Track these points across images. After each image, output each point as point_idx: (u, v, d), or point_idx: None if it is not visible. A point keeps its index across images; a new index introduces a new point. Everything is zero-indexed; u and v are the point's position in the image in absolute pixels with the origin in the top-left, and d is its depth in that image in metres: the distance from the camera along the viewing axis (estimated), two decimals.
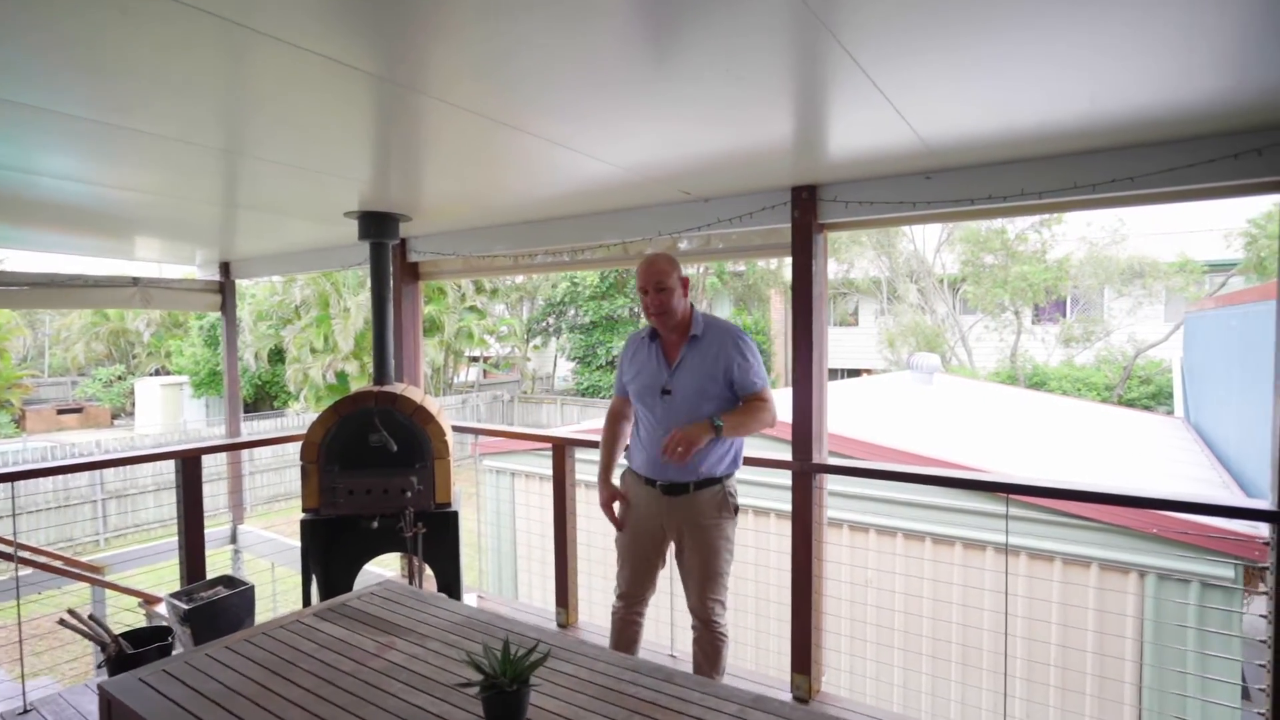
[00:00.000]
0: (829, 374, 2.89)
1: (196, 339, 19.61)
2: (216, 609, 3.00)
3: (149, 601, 4.22)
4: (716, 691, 1.66)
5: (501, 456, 6.05)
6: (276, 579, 5.73)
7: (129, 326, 22.01)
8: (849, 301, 19.62)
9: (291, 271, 5.69)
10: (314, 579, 3.23)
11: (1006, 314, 15.49)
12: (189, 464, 3.53)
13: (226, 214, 3.31)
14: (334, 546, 3.29)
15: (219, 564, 4.95)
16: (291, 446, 3.55)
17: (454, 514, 3.27)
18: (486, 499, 6.21)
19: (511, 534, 6.10)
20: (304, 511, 3.18)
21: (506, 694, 1.41)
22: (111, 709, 1.64)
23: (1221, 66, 1.56)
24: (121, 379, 22.07)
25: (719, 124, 1.97)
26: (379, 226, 3.34)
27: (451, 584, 3.31)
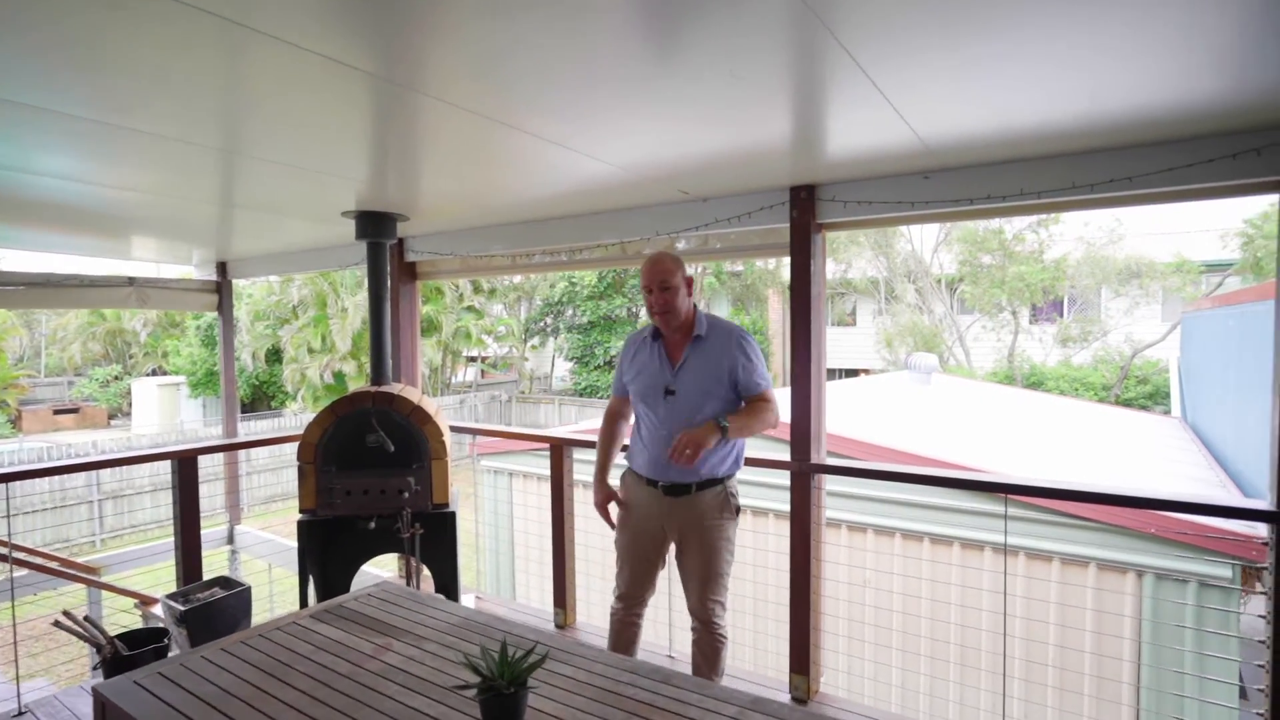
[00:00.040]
0: (826, 374, 2.89)
1: (194, 339, 19.57)
2: (213, 610, 2.99)
3: (145, 603, 4.20)
4: (715, 693, 1.65)
5: (499, 457, 6.04)
6: (274, 580, 5.72)
7: (126, 326, 21.97)
8: (847, 301, 19.65)
9: (288, 271, 5.68)
10: (311, 580, 3.22)
11: (1004, 314, 15.51)
12: (185, 464, 3.52)
13: (223, 213, 3.30)
14: (331, 547, 3.28)
15: (216, 565, 4.93)
16: (289, 447, 3.54)
17: (451, 514, 3.27)
18: (484, 499, 6.19)
19: (509, 534, 6.09)
20: (301, 512, 3.16)
21: (504, 696, 1.40)
22: (106, 712, 1.63)
23: (1221, 66, 1.56)
24: (118, 379, 22.03)
25: (717, 123, 1.96)
26: (376, 226, 3.33)
27: (449, 585, 3.30)
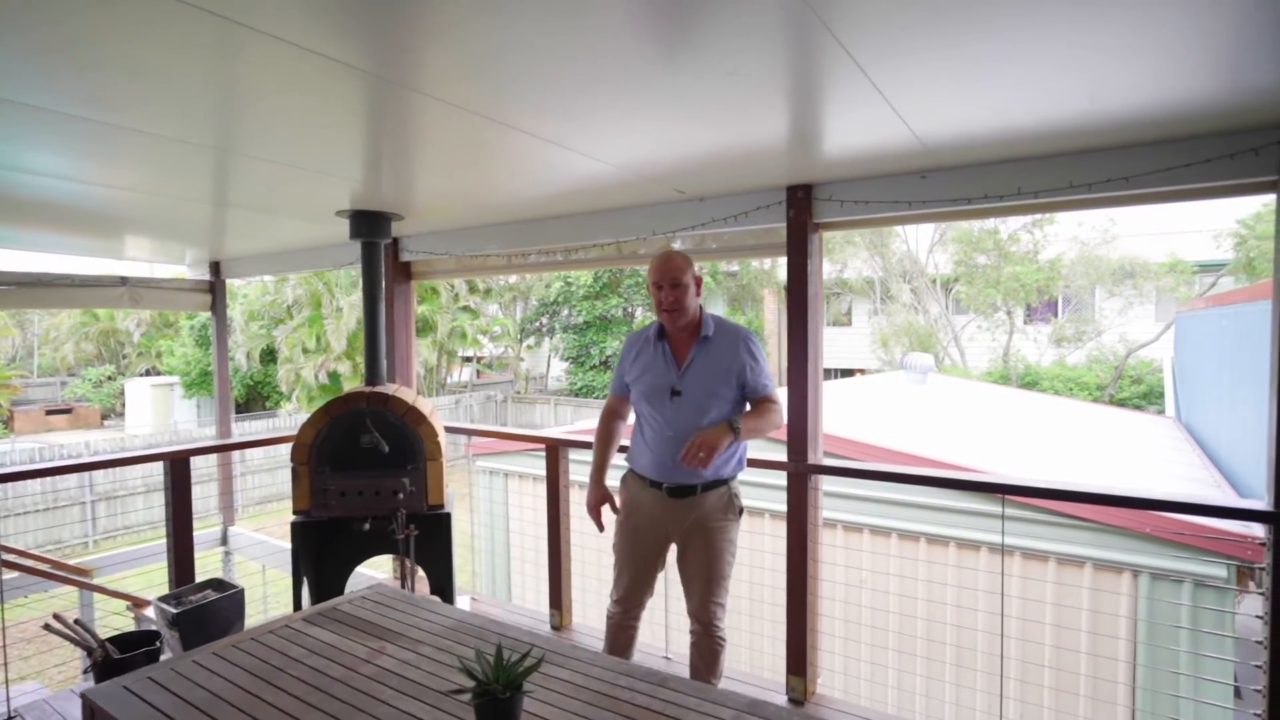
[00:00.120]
0: (822, 374, 2.88)
1: (187, 339, 19.48)
2: (205, 613, 2.96)
3: (137, 605, 4.17)
4: (712, 696, 1.64)
5: (495, 457, 6.02)
6: (268, 581, 5.68)
7: (119, 326, 21.85)
8: (842, 301, 19.67)
9: (282, 271, 5.65)
10: (305, 582, 3.20)
11: (999, 314, 15.54)
12: (177, 466, 3.49)
13: (217, 213, 3.27)
14: (325, 549, 3.26)
15: (209, 566, 4.90)
16: (283, 447, 3.52)
17: (447, 516, 3.25)
18: (480, 500, 6.17)
19: (505, 535, 6.07)
20: (295, 513, 3.14)
21: (500, 701, 1.39)
22: (95, 717, 1.61)
23: (1218, 66, 1.55)
24: (111, 379, 21.91)
25: (715, 122, 1.95)
26: (371, 226, 3.31)
27: (444, 586, 3.28)
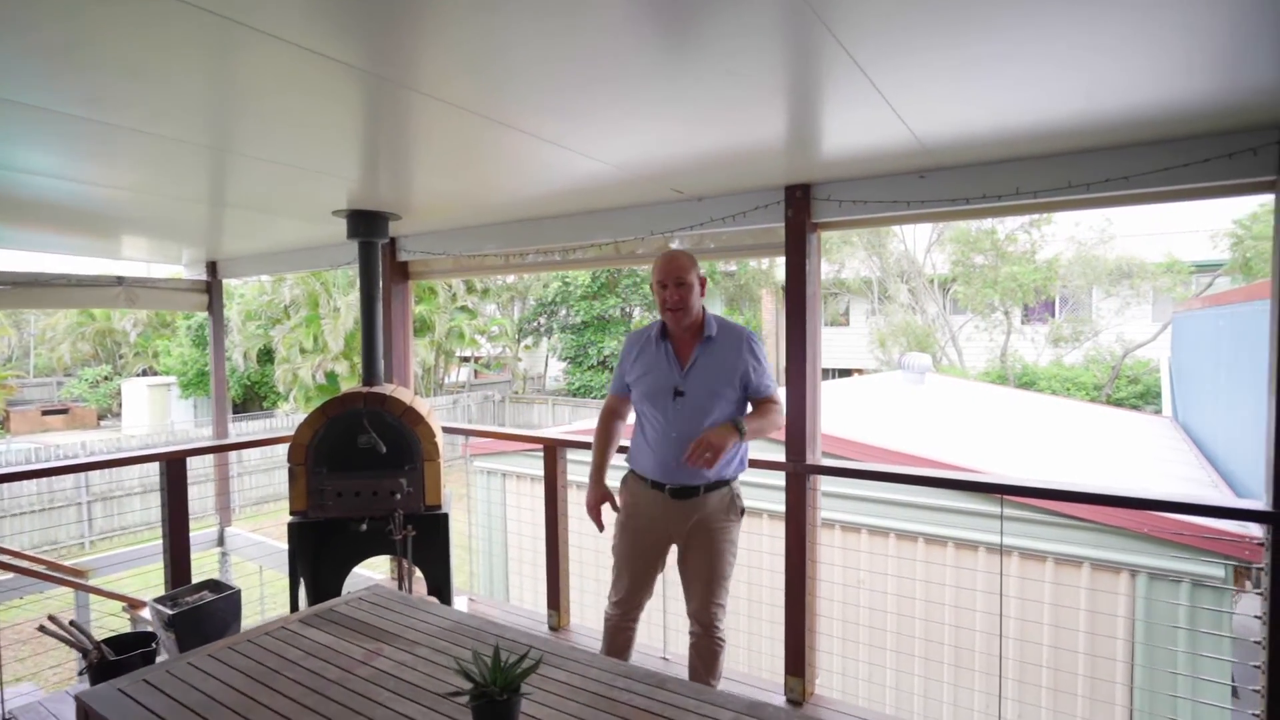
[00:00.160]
0: (820, 374, 2.87)
1: (184, 339, 19.43)
2: (201, 614, 2.95)
3: (133, 606, 4.15)
4: (711, 698, 1.63)
5: (493, 457, 6.00)
6: (265, 582, 5.67)
7: (115, 326, 21.78)
8: (840, 301, 19.68)
9: (279, 271, 5.64)
10: (302, 583, 3.19)
11: (996, 314, 15.56)
12: (173, 466, 3.47)
13: (213, 212, 3.26)
14: (322, 549, 3.24)
15: (206, 567, 4.88)
16: (280, 448, 3.51)
17: (444, 516, 3.24)
18: (477, 500, 6.16)
19: (503, 536, 6.06)
20: (292, 514, 3.13)
21: (497, 703, 1.38)
22: None
23: (1217, 66, 1.55)
24: (108, 379, 21.84)
25: (714, 122, 1.94)
26: (368, 225, 3.30)
27: (442, 587, 3.27)
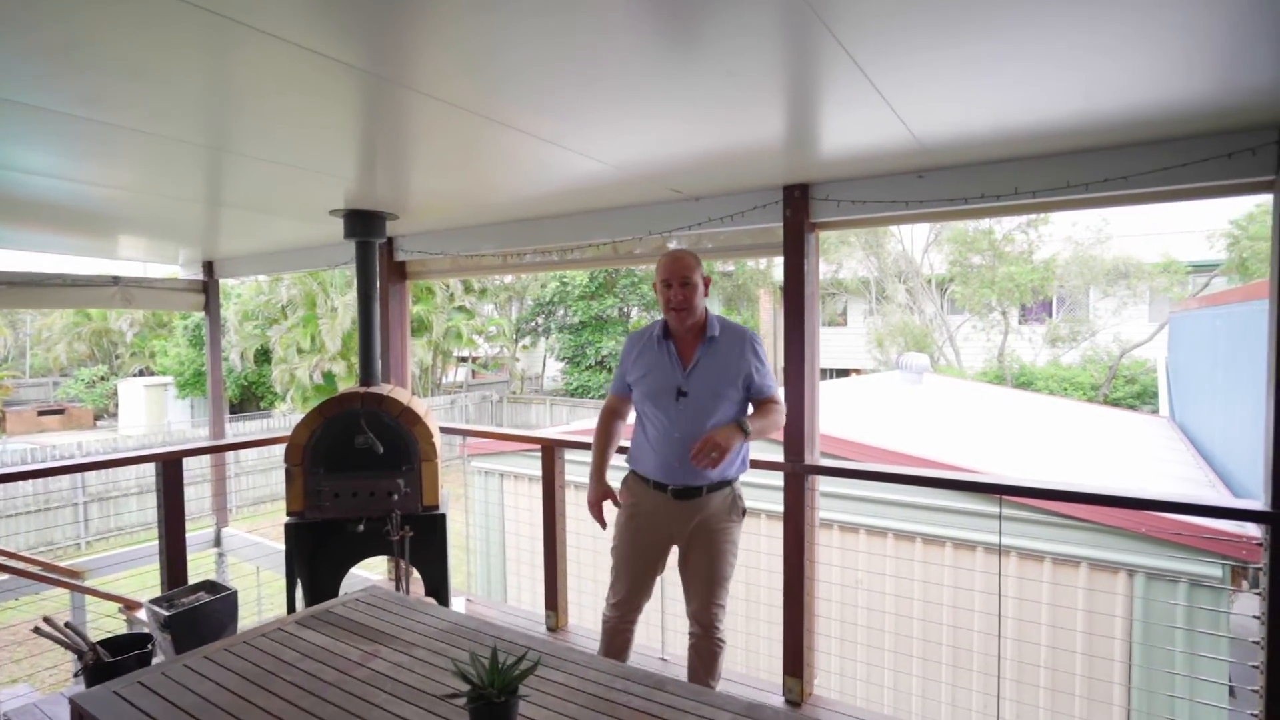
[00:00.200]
0: (819, 374, 2.87)
1: (181, 339, 19.38)
2: (198, 615, 2.94)
3: (129, 607, 4.13)
4: (710, 700, 1.62)
5: (490, 458, 5.99)
6: (262, 583, 5.65)
7: (112, 326, 21.72)
8: (838, 301, 19.69)
9: (276, 271, 5.62)
10: (299, 583, 3.17)
11: (994, 314, 15.58)
12: (169, 467, 3.46)
13: (210, 212, 3.25)
14: (320, 550, 3.23)
15: (203, 568, 4.86)
16: (277, 448, 3.50)
17: (442, 517, 3.23)
18: (475, 501, 6.15)
19: (500, 536, 6.05)
20: (288, 514, 3.12)
21: (495, 705, 1.37)
22: None
23: (1216, 66, 1.55)
24: (104, 380, 21.78)
25: (713, 122, 1.94)
26: (365, 225, 3.29)
27: (439, 587, 3.26)
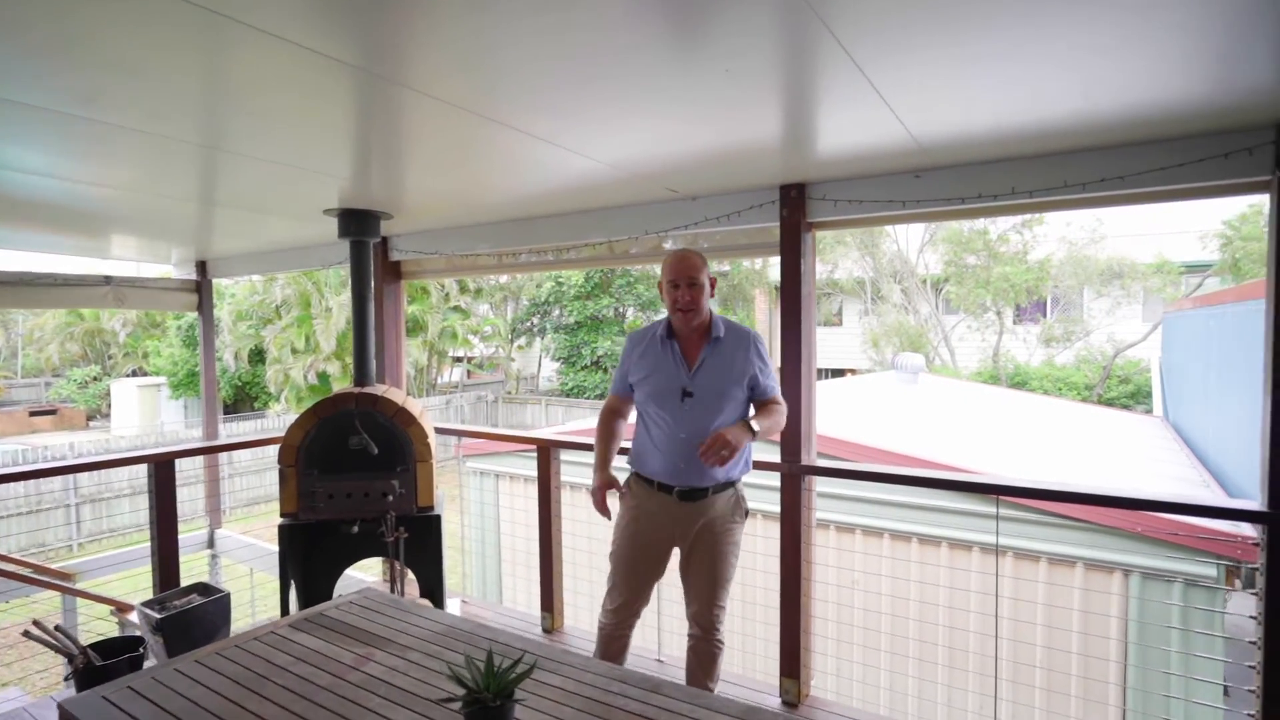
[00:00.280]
0: (815, 374, 2.86)
1: (174, 339, 19.27)
2: (190, 618, 2.91)
3: (121, 610, 4.10)
4: (708, 703, 1.61)
5: (485, 458, 5.97)
6: (255, 585, 5.62)
7: (105, 326, 21.58)
8: (833, 301, 19.71)
9: (270, 270, 5.58)
10: (293, 585, 3.15)
11: (989, 314, 15.62)
12: (161, 468, 3.43)
13: (203, 211, 3.22)
14: (314, 552, 3.21)
15: (196, 570, 4.83)
16: (271, 449, 3.48)
17: (437, 518, 3.21)
18: (470, 501, 6.13)
19: (496, 537, 6.03)
20: (282, 516, 3.10)
21: (490, 709, 1.36)
22: None
23: (1213, 66, 1.55)
24: (97, 380, 21.63)
25: (710, 121, 1.93)
26: (360, 224, 3.27)
27: (434, 589, 3.24)
